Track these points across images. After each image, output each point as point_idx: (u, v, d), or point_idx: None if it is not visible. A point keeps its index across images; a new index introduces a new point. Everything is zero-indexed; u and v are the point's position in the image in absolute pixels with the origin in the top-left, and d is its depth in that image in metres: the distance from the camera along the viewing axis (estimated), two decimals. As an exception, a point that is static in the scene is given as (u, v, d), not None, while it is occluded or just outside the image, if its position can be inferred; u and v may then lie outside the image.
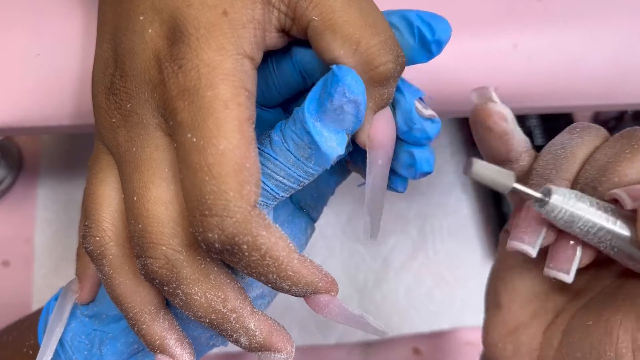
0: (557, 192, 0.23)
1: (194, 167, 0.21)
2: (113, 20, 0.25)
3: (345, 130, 0.24)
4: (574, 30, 0.35)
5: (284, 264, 0.23)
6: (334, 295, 0.25)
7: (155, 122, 0.24)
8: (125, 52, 0.24)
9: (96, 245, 0.25)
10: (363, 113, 0.24)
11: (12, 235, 0.53)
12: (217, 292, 0.24)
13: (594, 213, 0.23)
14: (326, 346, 0.52)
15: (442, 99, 0.35)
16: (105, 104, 0.25)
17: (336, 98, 0.23)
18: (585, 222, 0.23)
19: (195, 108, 0.22)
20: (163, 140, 0.24)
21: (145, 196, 0.23)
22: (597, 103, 0.37)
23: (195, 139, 0.21)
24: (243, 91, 0.22)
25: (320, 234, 0.55)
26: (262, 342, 0.25)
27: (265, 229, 0.22)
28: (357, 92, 0.23)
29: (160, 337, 0.26)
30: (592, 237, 0.23)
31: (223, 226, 0.21)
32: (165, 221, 0.23)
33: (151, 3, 0.23)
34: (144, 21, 0.23)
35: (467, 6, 0.35)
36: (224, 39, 0.22)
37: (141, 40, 0.23)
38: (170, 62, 0.22)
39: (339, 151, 0.24)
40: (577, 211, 0.22)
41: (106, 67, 0.25)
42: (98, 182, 0.26)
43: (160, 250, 0.23)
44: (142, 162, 0.24)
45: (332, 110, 0.23)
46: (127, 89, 0.24)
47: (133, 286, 0.26)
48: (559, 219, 0.23)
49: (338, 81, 0.22)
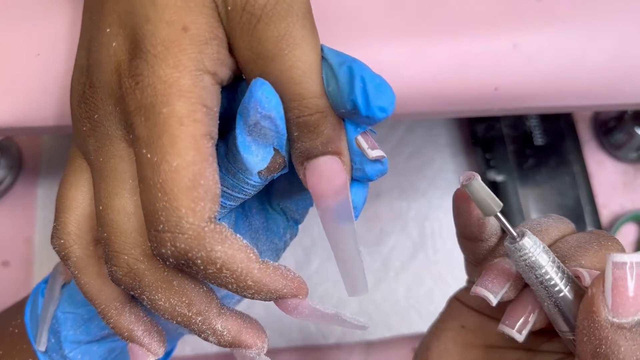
0: (530, 236, 0.25)
1: (148, 183, 0.22)
2: (89, 28, 0.25)
3: (272, 145, 0.24)
4: (574, 30, 0.35)
5: (243, 275, 0.23)
6: (302, 298, 0.25)
7: (119, 134, 0.24)
8: (94, 62, 0.24)
9: (61, 247, 0.26)
10: (283, 127, 0.23)
11: (12, 235, 0.53)
12: (181, 298, 0.25)
13: (553, 268, 0.25)
14: (326, 346, 0.52)
15: (442, 98, 0.35)
16: (78, 111, 0.25)
17: (252, 114, 0.22)
18: (543, 273, 0.25)
19: (151, 124, 0.22)
20: (127, 151, 0.24)
21: (110, 206, 0.24)
22: (597, 103, 0.37)
23: (150, 155, 0.21)
24: (201, 107, 0.22)
25: (320, 234, 0.55)
26: (231, 340, 0.26)
27: (221, 243, 0.22)
28: (269, 107, 0.22)
29: (128, 329, 0.27)
30: (542, 289, 0.25)
31: (175, 242, 0.21)
32: (127, 231, 0.24)
33: (117, 16, 0.23)
34: (110, 34, 0.23)
35: (467, 6, 0.35)
36: (183, 55, 0.22)
37: (107, 53, 0.23)
38: (128, 77, 0.22)
39: (261, 166, 0.24)
40: (540, 260, 0.25)
41: (80, 74, 0.25)
42: (68, 185, 0.26)
43: (123, 259, 0.24)
44: (108, 172, 0.24)
45: (251, 125, 0.23)
46: (94, 99, 0.24)
47: (97, 285, 0.27)
48: (522, 261, 0.25)
49: (251, 97, 0.22)
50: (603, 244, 0.27)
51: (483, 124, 0.56)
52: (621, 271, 0.23)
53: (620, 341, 0.23)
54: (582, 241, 0.27)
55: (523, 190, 0.54)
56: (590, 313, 0.23)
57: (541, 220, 0.29)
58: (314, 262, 0.54)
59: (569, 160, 0.55)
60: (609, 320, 0.23)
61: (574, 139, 0.55)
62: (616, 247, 0.27)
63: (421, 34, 0.34)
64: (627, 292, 0.23)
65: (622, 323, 0.23)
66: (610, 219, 0.56)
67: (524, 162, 0.55)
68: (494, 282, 0.27)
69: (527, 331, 0.26)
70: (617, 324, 0.23)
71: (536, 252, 0.25)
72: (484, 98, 0.35)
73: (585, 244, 0.27)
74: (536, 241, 0.25)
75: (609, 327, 0.23)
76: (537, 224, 0.28)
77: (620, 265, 0.23)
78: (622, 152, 0.56)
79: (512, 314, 0.27)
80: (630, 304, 0.23)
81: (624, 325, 0.23)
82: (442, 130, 0.58)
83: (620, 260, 0.23)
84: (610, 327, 0.23)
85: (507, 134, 0.55)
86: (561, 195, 0.54)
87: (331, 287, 0.53)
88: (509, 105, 0.36)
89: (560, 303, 0.25)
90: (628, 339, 0.23)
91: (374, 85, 0.22)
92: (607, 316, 0.23)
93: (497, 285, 0.27)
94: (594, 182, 0.56)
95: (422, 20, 0.34)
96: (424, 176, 0.57)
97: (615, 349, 0.23)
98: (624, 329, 0.23)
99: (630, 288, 0.23)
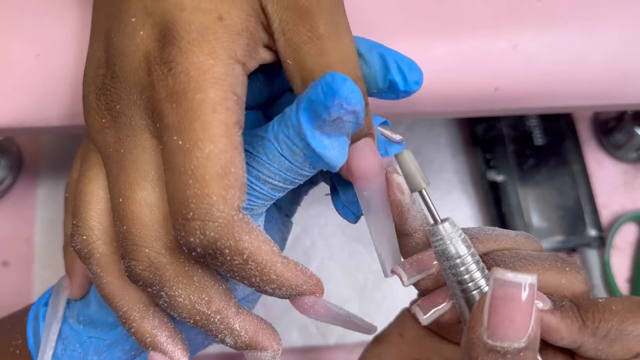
0: (451, 223, 0.24)
1: (179, 170, 0.21)
2: (105, 21, 0.25)
3: (345, 134, 0.24)
4: (574, 30, 0.35)
5: (267, 268, 0.23)
6: (319, 297, 0.25)
7: (143, 124, 0.24)
8: (116, 53, 0.24)
9: (84, 244, 0.25)
10: (362, 117, 0.23)
11: (12, 235, 0.53)
12: (201, 294, 0.24)
13: (471, 264, 0.23)
14: (326, 347, 0.52)
15: (442, 99, 0.35)
16: (96, 104, 0.25)
17: (334, 110, 0.21)
18: (455, 264, 0.23)
19: (183, 111, 0.21)
20: (150, 142, 0.24)
21: (131, 198, 0.23)
22: (597, 103, 0.37)
23: (182, 142, 0.21)
24: (232, 95, 0.22)
25: (320, 234, 0.55)
26: (248, 341, 0.25)
27: (248, 234, 0.22)
28: (355, 102, 0.22)
29: (151, 334, 0.26)
30: (454, 281, 0.24)
31: (205, 230, 0.21)
32: (149, 224, 0.23)
33: (143, 5, 0.23)
34: (135, 23, 0.23)
35: (468, 6, 0.35)
36: (217, 43, 0.22)
37: (132, 42, 0.23)
38: (160, 64, 0.22)
39: (343, 158, 0.24)
40: (454, 249, 0.23)
41: (98, 67, 0.25)
42: (87, 180, 0.26)
43: (144, 252, 0.23)
44: (129, 163, 0.24)
45: (330, 122, 0.22)
46: (117, 89, 0.24)
47: (121, 284, 0.26)
48: (437, 246, 0.24)
49: (334, 94, 0.21)
50: (559, 267, 0.25)
51: (483, 124, 0.56)
52: (501, 291, 0.21)
53: None
54: (534, 256, 0.25)
55: (523, 190, 0.54)
56: (469, 329, 0.22)
57: (503, 230, 0.27)
58: (314, 262, 0.54)
59: (569, 160, 0.55)
60: (482, 340, 0.21)
61: (574, 139, 0.55)
62: (575, 275, 0.25)
63: (421, 34, 0.34)
64: (506, 314, 0.21)
65: (495, 346, 0.21)
66: (610, 219, 0.56)
67: (524, 162, 0.55)
68: (412, 265, 0.26)
69: (432, 317, 0.25)
70: (490, 346, 0.21)
71: (452, 240, 0.23)
72: (484, 98, 0.35)
73: (536, 259, 0.25)
74: (457, 230, 0.24)
75: (481, 346, 0.21)
76: (493, 231, 0.27)
77: (501, 282, 0.21)
78: (622, 152, 0.56)
79: (426, 299, 0.26)
80: (506, 327, 0.21)
81: (497, 349, 0.21)
82: (442, 130, 0.58)
83: (502, 277, 0.21)
84: (482, 346, 0.21)
85: (507, 134, 0.55)
86: (561, 195, 0.54)
87: (331, 287, 0.53)
88: (509, 106, 0.36)
89: (470, 302, 0.23)
90: None
91: (406, 64, 0.25)
92: (482, 335, 0.21)
93: (413, 270, 0.26)
94: (594, 182, 0.56)
95: (422, 20, 0.34)
96: (424, 176, 0.57)
97: None
98: (496, 353, 0.21)
99: (510, 310, 0.21)
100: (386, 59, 0.25)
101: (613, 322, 0.23)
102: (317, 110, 0.22)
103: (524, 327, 0.21)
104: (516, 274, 0.21)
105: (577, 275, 0.25)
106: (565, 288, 0.24)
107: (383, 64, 0.25)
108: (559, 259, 0.25)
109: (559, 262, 0.25)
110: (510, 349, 0.21)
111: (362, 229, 0.55)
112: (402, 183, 0.26)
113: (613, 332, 0.23)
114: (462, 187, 0.57)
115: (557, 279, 0.24)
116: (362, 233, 0.55)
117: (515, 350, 0.21)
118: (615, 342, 0.23)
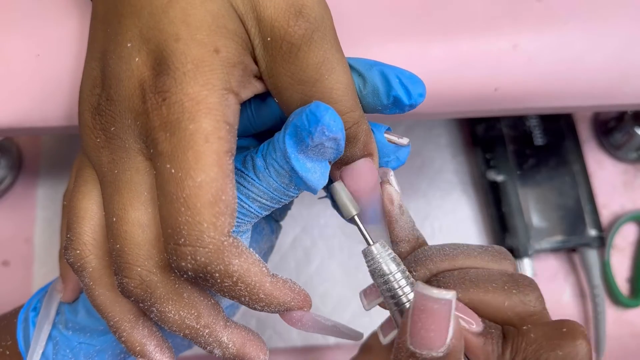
0: (381, 245, 0.26)
1: (171, 197, 0.22)
2: (102, 40, 0.25)
3: (327, 160, 0.25)
4: (574, 31, 0.35)
5: (256, 288, 0.24)
6: (307, 310, 0.26)
7: (137, 148, 0.24)
8: (112, 76, 0.24)
9: (76, 258, 0.26)
10: (343, 145, 0.24)
11: (12, 235, 0.53)
12: (191, 310, 0.25)
13: (401, 280, 0.26)
14: (326, 346, 0.52)
15: (442, 99, 0.35)
16: (91, 122, 0.25)
17: (316, 136, 0.23)
18: (384, 281, 0.26)
19: (176, 140, 0.22)
20: (144, 164, 0.24)
21: (124, 218, 0.24)
22: (597, 103, 0.37)
23: (174, 170, 0.22)
24: (224, 125, 0.22)
25: (320, 234, 0.55)
26: (235, 353, 0.26)
27: (238, 257, 0.23)
28: (336, 130, 0.23)
29: (140, 343, 0.27)
30: (388, 296, 0.26)
31: (195, 256, 0.22)
32: (141, 243, 0.24)
33: (139, 31, 0.23)
34: (131, 48, 0.24)
35: (468, 6, 0.35)
36: (212, 74, 0.23)
37: (127, 68, 0.24)
38: (154, 93, 0.23)
39: (324, 181, 0.25)
40: (385, 268, 0.26)
41: (94, 86, 0.25)
42: (81, 196, 0.26)
43: (136, 271, 0.24)
44: (123, 184, 0.24)
45: (312, 147, 0.24)
46: (112, 112, 0.24)
47: (112, 297, 0.26)
48: (369, 266, 0.26)
49: (317, 121, 0.23)
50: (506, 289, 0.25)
51: (483, 124, 0.56)
52: (420, 303, 0.23)
53: None
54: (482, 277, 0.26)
55: (523, 190, 0.54)
56: (398, 334, 0.24)
57: (469, 246, 0.28)
58: (314, 262, 0.54)
59: (569, 160, 0.55)
60: (406, 345, 0.23)
61: (574, 139, 0.55)
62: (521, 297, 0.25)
63: (421, 35, 0.34)
64: (422, 325, 0.23)
65: (415, 352, 0.23)
66: (610, 219, 0.56)
67: (524, 162, 0.55)
68: (372, 290, 0.28)
69: (390, 337, 0.28)
70: (411, 351, 0.23)
71: (383, 259, 0.26)
72: (484, 99, 0.35)
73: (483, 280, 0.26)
74: (387, 250, 0.26)
75: (404, 350, 0.23)
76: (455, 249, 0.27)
77: (420, 296, 0.23)
78: (622, 152, 0.56)
79: (386, 319, 0.29)
80: (422, 337, 0.23)
81: (416, 356, 0.23)
82: (442, 130, 0.58)
83: (422, 291, 0.22)
84: (405, 351, 0.23)
85: (507, 134, 0.55)
86: (561, 195, 0.54)
87: (331, 287, 0.53)
88: (509, 106, 0.36)
89: (403, 313, 0.26)
90: None
91: (408, 78, 0.26)
92: (406, 342, 0.23)
93: (373, 295, 0.28)
94: (594, 182, 0.56)
95: (423, 21, 0.34)
96: (424, 176, 0.57)
97: None
98: (415, 359, 0.23)
99: (426, 322, 0.22)
100: (387, 75, 0.26)
101: (528, 351, 0.24)
102: (301, 136, 0.23)
103: (441, 338, 0.23)
104: (438, 290, 0.22)
105: (524, 297, 0.25)
106: (508, 309, 0.25)
107: (385, 80, 0.26)
108: (509, 280, 0.26)
109: (509, 284, 0.26)
110: (428, 357, 0.23)
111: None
112: (392, 194, 0.27)
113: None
114: (462, 187, 0.57)
115: (500, 301, 0.25)
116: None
117: (433, 359, 0.23)
118: None
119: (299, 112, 0.24)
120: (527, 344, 0.24)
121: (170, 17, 0.23)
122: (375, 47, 0.34)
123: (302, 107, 0.24)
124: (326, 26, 0.24)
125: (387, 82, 0.26)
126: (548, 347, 0.24)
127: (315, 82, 0.24)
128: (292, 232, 0.54)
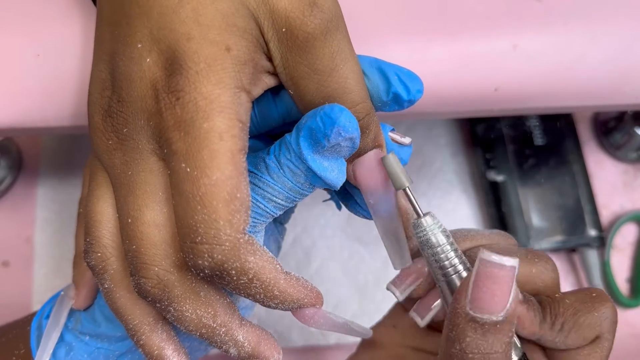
0: (432, 216, 0.26)
1: (187, 196, 0.22)
2: (110, 42, 0.25)
3: (343, 157, 0.26)
4: (574, 31, 0.35)
5: (271, 285, 0.24)
6: (319, 308, 0.26)
7: (150, 148, 0.24)
8: (123, 77, 0.24)
9: (98, 260, 0.26)
10: (358, 142, 0.25)
11: (12, 235, 0.53)
12: (207, 309, 0.25)
13: (450, 252, 0.26)
14: (326, 346, 0.52)
15: (442, 99, 0.35)
16: (102, 125, 0.25)
17: (332, 137, 0.24)
18: (435, 252, 0.26)
19: (191, 139, 0.22)
20: (157, 165, 0.24)
21: (139, 219, 0.24)
22: (597, 103, 0.37)
23: (189, 169, 0.22)
24: (237, 123, 0.23)
25: (320, 234, 0.55)
26: (250, 351, 0.26)
27: (253, 254, 0.23)
28: (352, 130, 0.24)
29: (158, 347, 0.27)
30: (437, 268, 0.27)
31: (212, 254, 0.22)
32: (157, 243, 0.24)
33: (149, 31, 0.24)
34: (142, 49, 0.24)
35: (467, 6, 0.35)
36: (224, 73, 0.23)
37: (139, 69, 0.24)
38: (167, 93, 0.23)
39: (343, 178, 0.26)
40: (435, 239, 0.26)
41: (103, 88, 0.25)
42: (95, 200, 0.26)
43: (153, 270, 0.24)
44: (137, 185, 0.24)
45: (329, 147, 0.24)
46: (124, 114, 0.24)
47: (133, 299, 0.26)
48: (419, 237, 0.27)
49: (333, 123, 0.23)
50: (529, 259, 0.28)
51: (483, 124, 0.56)
52: (485, 269, 0.23)
53: (468, 331, 0.24)
54: (508, 249, 0.28)
55: (523, 190, 0.54)
56: (454, 300, 0.24)
57: (478, 229, 0.30)
58: (314, 262, 0.54)
59: (569, 160, 0.55)
60: (465, 310, 0.24)
61: (574, 139, 0.55)
62: (544, 265, 0.28)
63: (422, 35, 0.34)
64: (486, 290, 0.23)
65: (475, 317, 0.24)
66: (610, 219, 0.56)
67: (524, 162, 0.55)
68: (401, 278, 0.30)
69: (428, 319, 0.30)
70: (471, 316, 0.24)
71: (433, 231, 0.26)
72: (484, 98, 0.35)
73: (510, 252, 0.28)
74: (437, 222, 0.26)
75: (463, 316, 0.24)
76: (468, 232, 0.30)
77: (485, 263, 0.23)
78: (622, 152, 0.56)
79: (420, 304, 0.30)
80: (485, 301, 0.23)
81: (477, 320, 0.23)
82: (442, 130, 0.59)
83: (487, 258, 0.23)
84: (464, 316, 0.24)
85: (507, 134, 0.55)
86: (561, 195, 0.54)
87: (331, 287, 0.53)
88: (509, 106, 0.36)
89: (451, 285, 0.26)
90: (477, 332, 0.24)
91: (406, 75, 0.26)
92: (465, 306, 0.24)
93: (402, 282, 0.30)
94: (594, 182, 0.56)
95: (423, 21, 0.34)
96: (424, 176, 0.57)
97: (462, 337, 0.24)
98: (476, 323, 0.24)
99: (490, 287, 0.23)
100: (386, 73, 0.26)
101: (567, 315, 0.26)
102: (316, 138, 0.24)
103: (502, 302, 0.23)
104: (500, 256, 0.23)
105: (546, 265, 0.28)
106: (536, 277, 0.28)
107: (384, 78, 0.26)
108: (529, 252, 0.28)
109: (530, 254, 0.28)
110: (489, 320, 0.23)
111: (362, 229, 0.55)
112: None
113: (568, 324, 0.26)
114: (462, 187, 0.57)
115: (528, 269, 0.28)
116: (362, 233, 0.55)
117: (493, 323, 0.23)
118: (570, 332, 0.26)
119: (312, 114, 0.24)
120: (564, 308, 0.26)
121: (181, 17, 0.23)
122: (376, 47, 0.34)
123: (315, 109, 0.24)
124: (339, 17, 0.25)
125: (386, 79, 0.26)
126: (584, 309, 0.26)
127: (331, 72, 0.24)
128: (292, 232, 0.54)
